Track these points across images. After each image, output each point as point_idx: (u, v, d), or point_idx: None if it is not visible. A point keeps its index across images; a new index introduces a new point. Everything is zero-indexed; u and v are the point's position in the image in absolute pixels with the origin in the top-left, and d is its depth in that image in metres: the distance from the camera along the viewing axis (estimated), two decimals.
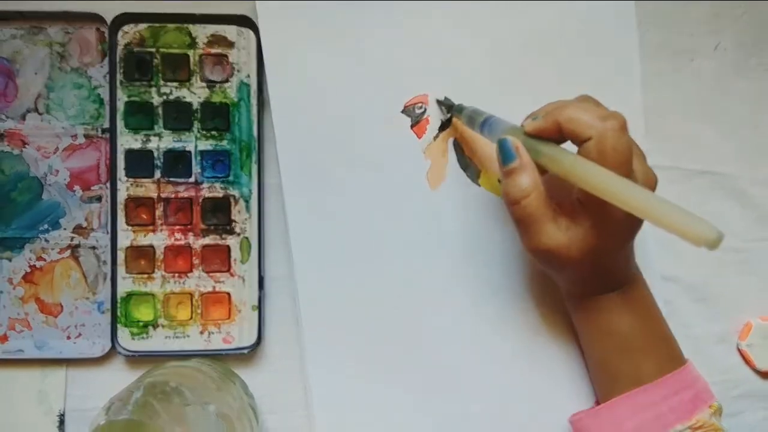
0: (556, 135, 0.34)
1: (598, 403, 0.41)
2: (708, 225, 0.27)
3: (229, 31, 0.42)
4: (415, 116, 0.43)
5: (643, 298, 0.38)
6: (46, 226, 0.42)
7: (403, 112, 0.42)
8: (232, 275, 0.42)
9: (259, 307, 0.42)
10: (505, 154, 0.35)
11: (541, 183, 0.35)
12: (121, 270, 0.41)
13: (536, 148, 0.34)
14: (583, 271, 0.36)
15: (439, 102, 0.42)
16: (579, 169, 0.32)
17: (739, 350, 0.45)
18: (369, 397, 0.42)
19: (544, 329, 0.43)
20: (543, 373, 0.43)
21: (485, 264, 0.43)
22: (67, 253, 0.42)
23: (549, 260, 0.36)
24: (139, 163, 0.41)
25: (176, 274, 0.41)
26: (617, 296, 0.37)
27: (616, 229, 0.34)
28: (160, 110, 0.41)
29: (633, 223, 0.35)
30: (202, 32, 0.41)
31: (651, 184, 0.35)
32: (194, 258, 0.42)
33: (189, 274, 0.42)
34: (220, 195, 0.42)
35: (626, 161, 0.32)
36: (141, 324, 0.41)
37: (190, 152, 0.42)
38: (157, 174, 0.41)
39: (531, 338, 0.43)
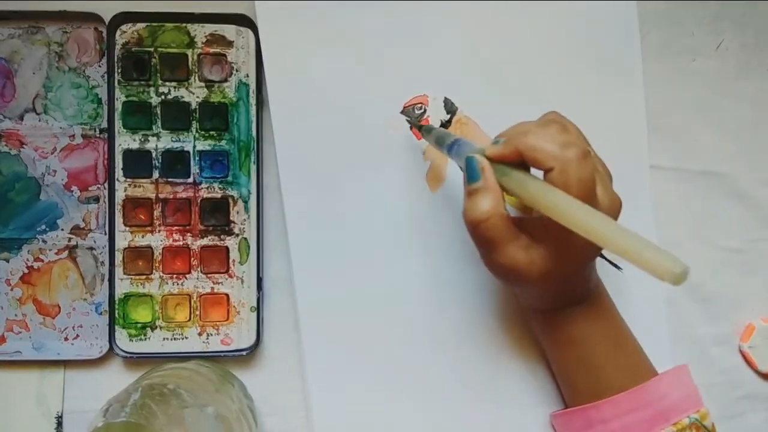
0: (519, 161, 0.33)
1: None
2: (674, 259, 0.25)
3: (228, 31, 0.41)
4: (414, 117, 0.42)
5: (605, 311, 0.38)
6: (43, 227, 0.42)
7: (402, 112, 0.42)
8: (230, 276, 0.41)
9: (258, 309, 0.41)
10: (470, 173, 0.34)
11: (503, 205, 0.33)
12: (119, 271, 0.41)
13: (503, 170, 0.33)
14: (543, 289, 0.36)
15: (408, 119, 0.42)
16: (544, 197, 0.30)
17: (741, 352, 0.45)
18: (368, 399, 0.41)
19: None
20: (547, 379, 0.42)
21: None
22: (65, 253, 0.42)
23: (508, 278, 0.35)
24: (137, 164, 0.41)
25: (174, 276, 0.41)
26: (578, 310, 0.37)
27: (576, 254, 0.33)
28: (158, 110, 0.41)
29: (593, 249, 0.34)
30: (200, 31, 0.41)
31: (616, 208, 0.34)
32: (193, 259, 0.41)
33: (187, 276, 0.41)
34: (219, 195, 0.41)
35: (590, 190, 0.32)
36: (139, 325, 0.41)
37: (188, 152, 0.41)
38: (156, 174, 0.41)
39: (536, 341, 0.42)
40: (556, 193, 0.30)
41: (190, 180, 0.41)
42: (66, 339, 0.42)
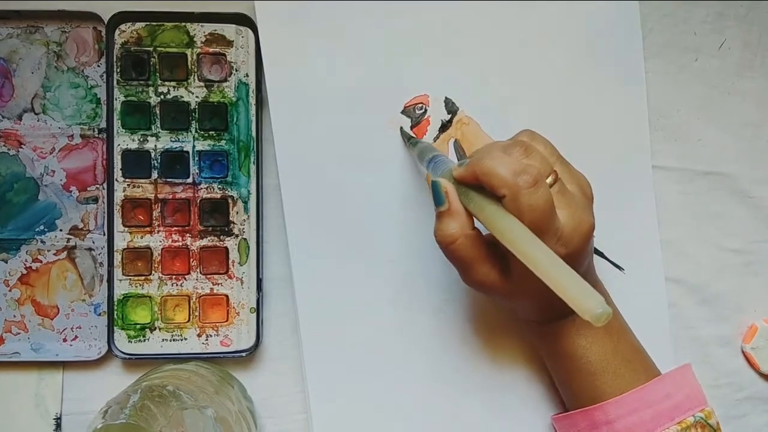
0: (480, 184, 0.33)
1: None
2: (597, 300, 0.26)
3: (228, 30, 0.41)
4: (415, 117, 0.42)
5: None
6: (42, 228, 0.41)
7: (402, 112, 0.42)
8: (230, 277, 0.41)
9: (258, 310, 0.41)
10: (435, 196, 0.34)
11: (471, 226, 0.34)
12: (117, 272, 0.41)
13: (466, 192, 0.34)
14: (526, 303, 0.36)
15: (403, 132, 0.42)
16: (495, 223, 0.31)
17: (744, 353, 0.44)
18: (367, 401, 0.41)
19: None
20: (547, 381, 0.42)
21: None
22: (64, 254, 0.42)
23: (485, 293, 0.36)
24: (136, 164, 0.41)
25: (174, 276, 0.41)
26: (571, 322, 0.37)
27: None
28: (157, 110, 0.41)
29: None
30: (200, 31, 0.41)
31: (582, 232, 0.33)
32: (192, 260, 0.41)
33: (187, 276, 0.41)
34: (218, 196, 0.41)
35: (543, 217, 0.31)
36: (138, 326, 0.41)
37: (187, 152, 0.41)
38: (155, 174, 0.41)
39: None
40: (505, 219, 0.31)
41: (190, 180, 0.41)
42: (65, 340, 0.41)
